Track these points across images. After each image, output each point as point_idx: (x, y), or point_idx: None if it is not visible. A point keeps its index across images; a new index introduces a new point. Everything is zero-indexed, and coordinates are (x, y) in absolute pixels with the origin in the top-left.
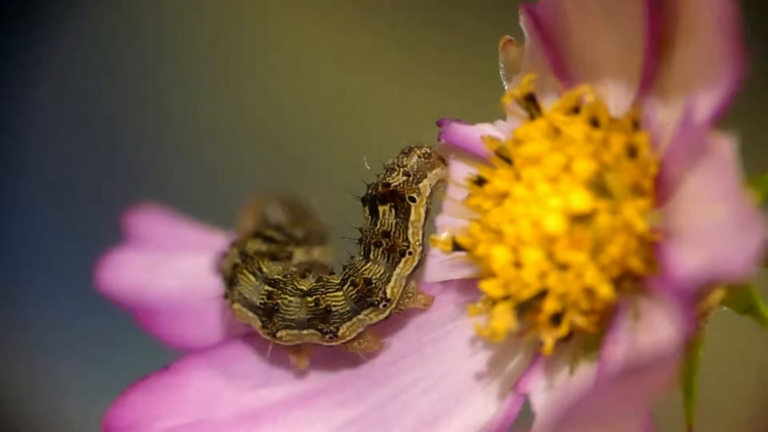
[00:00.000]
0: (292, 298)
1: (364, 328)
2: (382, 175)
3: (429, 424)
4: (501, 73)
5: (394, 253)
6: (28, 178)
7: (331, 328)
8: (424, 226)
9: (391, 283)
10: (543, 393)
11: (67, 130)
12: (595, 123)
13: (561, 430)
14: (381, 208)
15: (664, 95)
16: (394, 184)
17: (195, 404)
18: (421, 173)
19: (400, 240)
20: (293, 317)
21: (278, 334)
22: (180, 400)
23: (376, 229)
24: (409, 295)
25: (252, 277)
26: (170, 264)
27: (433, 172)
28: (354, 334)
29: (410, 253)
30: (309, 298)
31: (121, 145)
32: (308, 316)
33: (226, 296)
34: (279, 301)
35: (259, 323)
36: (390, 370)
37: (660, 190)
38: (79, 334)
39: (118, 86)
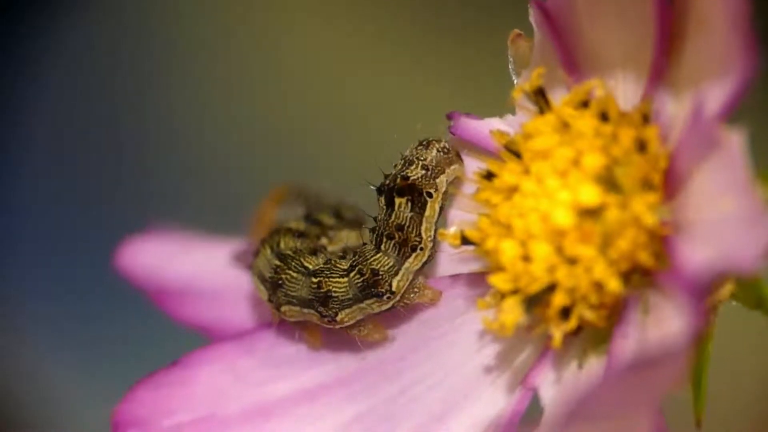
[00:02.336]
0: (295, 275)
1: (365, 316)
2: (400, 166)
3: (438, 418)
4: (510, 67)
5: (406, 247)
6: (28, 176)
7: (330, 312)
8: (437, 222)
9: (398, 277)
10: (552, 387)
11: (67, 131)
12: (604, 117)
13: (570, 425)
14: (398, 201)
15: (674, 89)
16: (413, 177)
17: (203, 400)
18: (439, 168)
19: (413, 234)
20: (295, 294)
21: (282, 309)
22: (189, 396)
23: (390, 221)
24: (416, 290)
25: (268, 252)
26: (185, 254)
27: (451, 168)
28: (353, 321)
29: (421, 249)
30: (313, 279)
31: (124, 143)
32: (309, 297)
33: (270, 300)
34: (283, 276)
35: (265, 293)
36: (398, 365)
37: (669, 184)
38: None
39: (124, 85)
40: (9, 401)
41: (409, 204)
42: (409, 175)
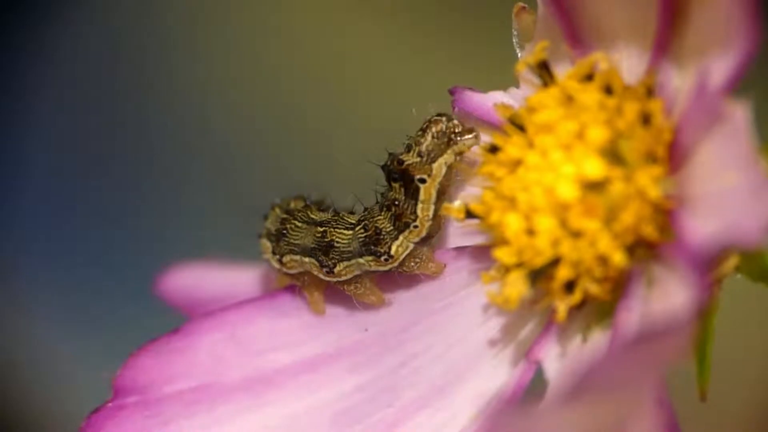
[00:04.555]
0: (300, 224)
1: (362, 273)
2: (402, 150)
3: (440, 390)
4: (514, 40)
5: (400, 221)
6: (30, 156)
7: (330, 262)
8: (439, 201)
9: (398, 242)
10: (556, 361)
11: (67, 130)
12: (608, 90)
13: (574, 398)
14: (393, 184)
15: (678, 62)
16: (407, 163)
17: (204, 367)
18: (435, 153)
19: (408, 212)
20: (298, 242)
21: (284, 259)
22: (189, 363)
23: (389, 195)
24: (418, 260)
25: (278, 211)
26: (216, 274)
27: (451, 149)
28: (350, 276)
29: (416, 227)
30: (318, 228)
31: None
32: (312, 245)
33: (273, 252)
34: (288, 225)
35: (270, 247)
36: (401, 337)
37: (674, 157)
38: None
39: (125, 85)
40: (7, 369)
41: (402, 189)
42: (403, 159)
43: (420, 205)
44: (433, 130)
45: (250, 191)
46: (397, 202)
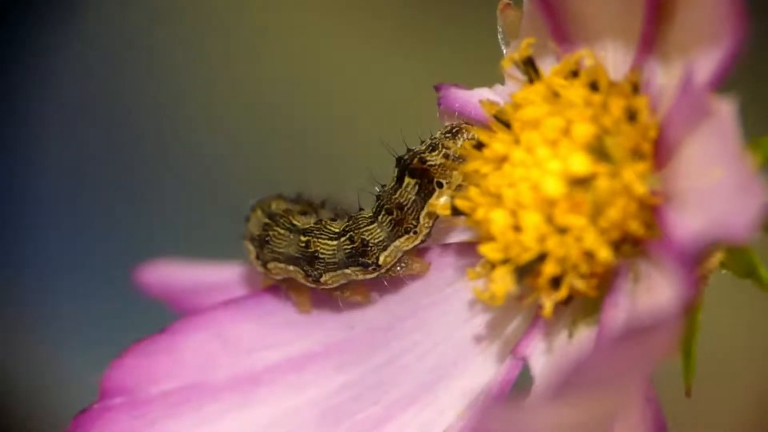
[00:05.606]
0: (283, 232)
1: (348, 281)
2: (424, 147)
3: (427, 387)
4: (499, 37)
5: (400, 227)
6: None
7: (315, 273)
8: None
9: (387, 252)
10: (542, 357)
11: (67, 130)
12: (594, 87)
13: (560, 394)
14: (407, 180)
15: (664, 58)
16: (430, 163)
17: (191, 367)
18: (459, 162)
19: (411, 217)
20: (282, 251)
21: (269, 266)
22: (176, 363)
23: (393, 197)
24: (403, 264)
25: (259, 213)
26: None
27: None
28: (336, 284)
29: (415, 233)
30: (302, 237)
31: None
32: (296, 254)
33: (257, 257)
34: (271, 232)
35: (254, 251)
36: (388, 334)
37: (660, 153)
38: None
39: (126, 84)
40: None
41: (417, 187)
42: (427, 159)
43: (425, 211)
44: (465, 136)
45: (247, 195)
46: (402, 206)
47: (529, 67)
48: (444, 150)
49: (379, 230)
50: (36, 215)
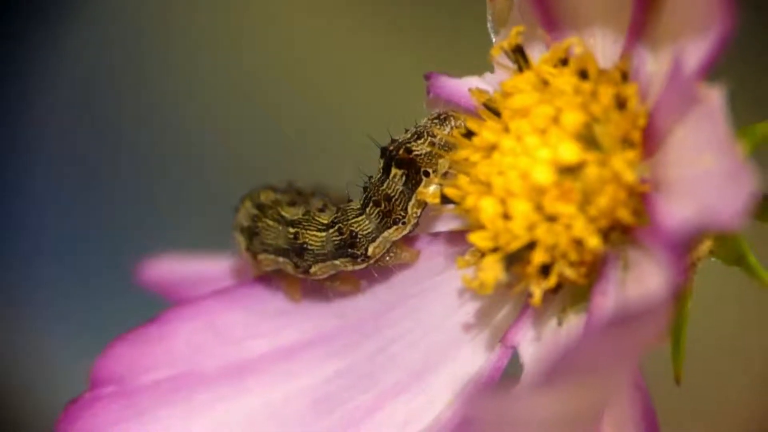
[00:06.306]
0: (272, 223)
1: (337, 272)
2: (409, 136)
3: (417, 375)
4: (489, 25)
5: (389, 218)
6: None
7: (304, 264)
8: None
9: (375, 244)
10: (531, 345)
11: (67, 131)
12: (583, 75)
13: (549, 382)
14: (394, 171)
15: (653, 46)
16: (416, 152)
17: (182, 356)
18: (446, 149)
19: (399, 208)
20: (271, 242)
21: (258, 257)
22: (167, 352)
23: (381, 188)
24: (392, 254)
25: (248, 204)
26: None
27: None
28: (325, 275)
29: (403, 224)
30: (290, 229)
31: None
32: (285, 246)
33: (247, 249)
34: (260, 224)
35: (243, 242)
36: (378, 323)
37: (649, 141)
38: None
39: (126, 84)
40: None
41: (404, 178)
42: (413, 148)
43: (413, 201)
44: (453, 123)
45: (238, 187)
46: (390, 197)
47: (519, 56)
48: (429, 138)
49: (367, 222)
50: (27, 204)
